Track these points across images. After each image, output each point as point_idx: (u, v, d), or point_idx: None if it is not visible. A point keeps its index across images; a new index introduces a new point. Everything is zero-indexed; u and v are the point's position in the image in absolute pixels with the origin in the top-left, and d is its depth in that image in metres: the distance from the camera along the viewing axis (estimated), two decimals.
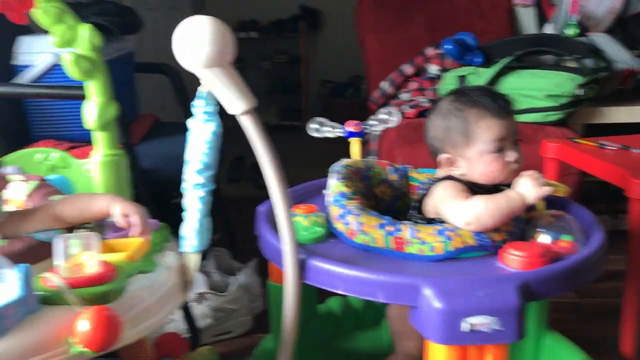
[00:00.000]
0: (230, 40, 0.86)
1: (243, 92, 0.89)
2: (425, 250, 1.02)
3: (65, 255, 0.87)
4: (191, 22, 0.84)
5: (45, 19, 1.17)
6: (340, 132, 1.40)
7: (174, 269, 1.03)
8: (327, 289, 0.99)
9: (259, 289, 1.80)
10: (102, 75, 1.22)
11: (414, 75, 2.35)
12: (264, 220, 1.19)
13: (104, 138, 1.24)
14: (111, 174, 1.25)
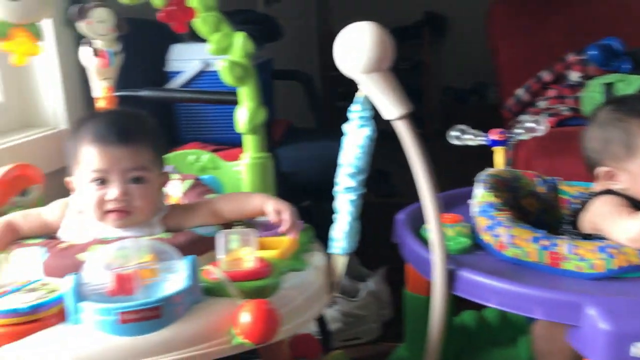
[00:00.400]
0: (389, 46, 0.87)
1: (399, 97, 0.89)
2: (583, 268, 0.96)
3: (225, 250, 0.91)
4: (353, 29, 0.86)
5: (204, 27, 1.23)
6: (483, 140, 1.36)
7: (322, 269, 1.05)
8: (477, 302, 0.96)
9: (388, 297, 1.79)
10: (253, 81, 1.27)
11: (552, 83, 2.24)
12: (406, 228, 1.18)
13: (253, 141, 1.29)
14: (258, 176, 1.29)
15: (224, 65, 1.24)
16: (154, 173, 1.04)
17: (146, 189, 1.01)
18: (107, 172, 0.99)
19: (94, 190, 1.00)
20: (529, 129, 1.35)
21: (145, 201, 1.01)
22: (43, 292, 0.84)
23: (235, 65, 1.25)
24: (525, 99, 2.27)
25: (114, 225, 1.02)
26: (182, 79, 1.73)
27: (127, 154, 1.00)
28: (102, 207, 1.00)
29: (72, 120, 1.60)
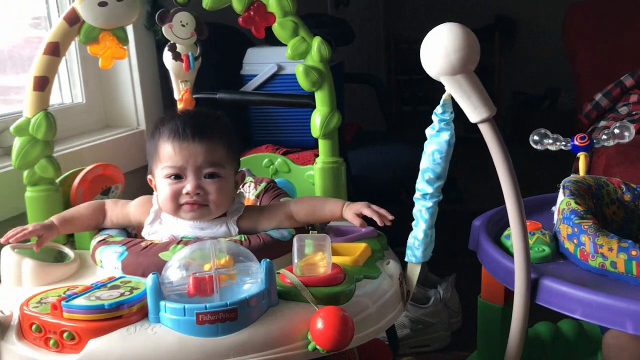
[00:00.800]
0: (475, 48, 0.85)
1: (485, 99, 0.87)
2: None
3: (300, 254, 0.91)
4: (440, 30, 0.85)
5: (282, 32, 1.25)
6: (564, 145, 1.31)
7: (395, 277, 1.03)
8: (561, 312, 0.92)
9: (458, 305, 1.75)
10: (329, 86, 1.27)
11: (635, 88, 2.14)
12: (484, 235, 1.15)
13: (327, 146, 1.29)
14: (331, 180, 1.29)
15: (300, 70, 1.25)
16: (228, 170, 1.06)
17: (220, 184, 1.03)
18: (183, 167, 1.02)
19: (170, 185, 1.02)
20: (614, 134, 1.29)
21: (219, 196, 1.03)
22: (125, 289, 0.86)
23: (311, 69, 1.25)
24: (605, 105, 2.18)
25: (187, 217, 1.04)
26: (256, 82, 1.76)
27: (202, 150, 1.02)
28: (176, 200, 1.02)
29: (150, 120, 1.66)
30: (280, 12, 1.24)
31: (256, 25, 1.26)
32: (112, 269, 0.97)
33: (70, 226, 1.09)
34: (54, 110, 1.42)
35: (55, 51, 1.14)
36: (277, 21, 1.25)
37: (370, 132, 2.18)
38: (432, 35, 0.84)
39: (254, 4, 1.24)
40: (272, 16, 1.25)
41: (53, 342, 0.82)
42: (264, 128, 1.80)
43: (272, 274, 0.86)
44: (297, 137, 1.72)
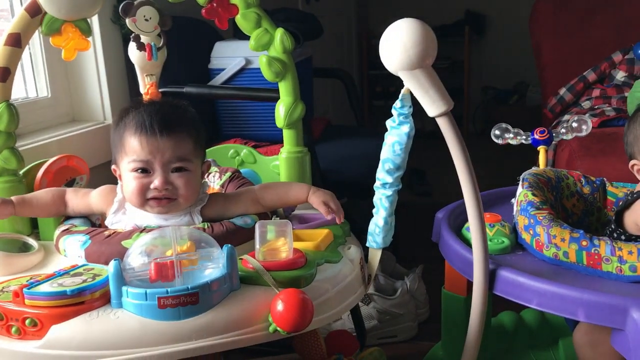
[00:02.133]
0: (433, 43, 0.87)
1: (442, 93, 0.89)
2: (624, 270, 0.94)
3: (262, 240, 0.93)
4: (397, 25, 0.86)
5: (245, 24, 1.25)
6: (525, 139, 1.34)
7: (356, 262, 1.05)
8: (518, 302, 0.95)
9: (425, 296, 1.78)
10: (292, 77, 1.28)
11: (597, 82, 2.19)
12: (446, 227, 1.17)
13: (291, 136, 1.31)
14: (296, 170, 1.31)
15: (264, 60, 1.26)
16: (195, 163, 1.06)
17: (188, 178, 1.04)
18: (150, 162, 1.02)
19: (137, 178, 1.02)
20: (573, 128, 1.32)
21: (187, 190, 1.03)
22: (88, 276, 0.87)
23: (274, 60, 1.26)
24: (568, 99, 2.22)
25: (154, 212, 1.04)
26: (224, 76, 1.76)
27: (169, 144, 1.02)
28: (143, 194, 1.03)
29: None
30: (243, 3, 1.24)
31: (219, 17, 1.26)
32: (75, 257, 0.98)
33: (29, 209, 1.09)
34: (19, 104, 1.40)
35: (16, 42, 1.13)
36: (240, 13, 1.25)
37: (340, 127, 2.20)
38: (390, 31, 0.86)
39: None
40: (235, 8, 1.25)
41: (15, 329, 0.83)
42: (232, 122, 1.80)
43: (234, 258, 0.88)
44: (266, 130, 1.72)
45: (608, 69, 2.18)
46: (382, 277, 1.79)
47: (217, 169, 1.31)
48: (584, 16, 2.44)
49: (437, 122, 0.90)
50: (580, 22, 2.43)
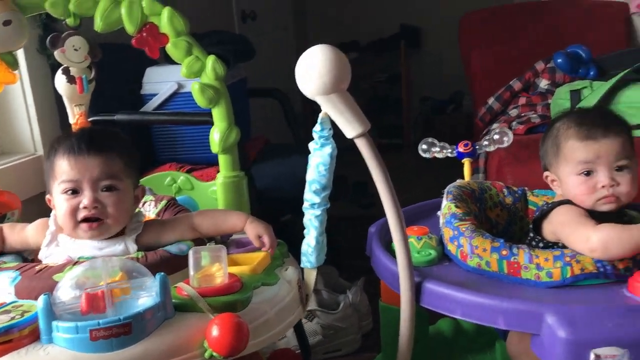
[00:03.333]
0: (346, 69, 0.90)
1: (357, 116, 0.92)
2: (542, 276, 0.99)
3: (197, 267, 0.94)
4: (311, 53, 0.89)
5: (175, 52, 1.27)
6: (450, 152, 1.39)
7: (294, 283, 1.08)
8: (443, 313, 0.99)
9: (368, 308, 1.81)
10: (225, 102, 1.31)
11: (523, 91, 2.29)
12: (376, 241, 1.20)
13: (227, 161, 1.33)
14: (232, 195, 1.33)
15: (196, 87, 1.27)
16: (126, 183, 1.06)
17: (118, 197, 1.04)
18: (79, 181, 1.02)
19: (67, 200, 1.02)
20: (494, 140, 1.38)
21: (117, 209, 1.03)
22: (16, 313, 0.86)
23: (206, 87, 1.28)
24: (497, 108, 2.31)
25: (87, 237, 1.03)
26: (156, 101, 1.76)
27: (98, 162, 1.02)
28: (74, 216, 1.02)
29: (48, 146, 1.62)
30: (173, 32, 1.26)
31: (150, 47, 1.27)
32: (5, 294, 0.96)
33: None
34: None
35: None
36: (170, 41, 1.27)
37: (278, 145, 2.21)
38: (304, 58, 0.89)
39: (146, 25, 1.25)
40: (165, 37, 1.27)
41: None
42: (167, 146, 1.80)
43: (167, 287, 0.88)
44: (201, 153, 1.73)
45: (532, 78, 2.28)
46: (325, 292, 1.82)
47: (153, 198, 1.31)
48: (508, 28, 2.54)
49: (356, 143, 0.93)
50: (506, 33, 2.54)
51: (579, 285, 0.97)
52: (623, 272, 0.97)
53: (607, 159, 1.05)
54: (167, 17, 1.25)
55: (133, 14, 1.23)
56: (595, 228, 0.98)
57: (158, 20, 1.25)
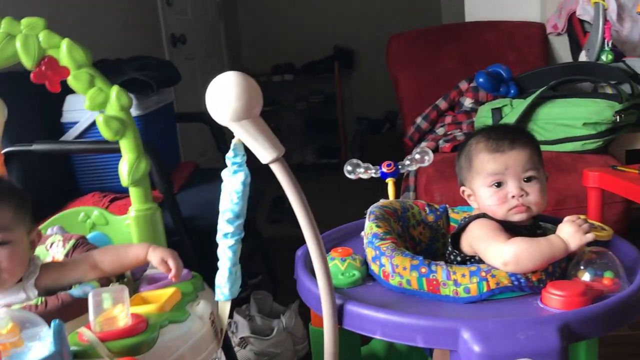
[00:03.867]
0: (256, 94, 0.89)
1: (271, 141, 0.91)
2: (460, 292, 1.00)
3: (98, 310, 0.90)
4: (220, 79, 0.88)
5: (77, 85, 1.23)
6: (374, 173, 1.41)
7: (206, 317, 1.04)
8: (365, 334, 0.99)
9: (303, 331, 1.80)
10: (132, 133, 1.27)
11: (449, 110, 2.36)
12: (301, 265, 1.20)
13: (138, 193, 1.29)
14: (146, 227, 1.29)
15: (100, 120, 1.23)
16: (18, 232, 1.02)
17: (12, 250, 0.99)
18: None
19: None
20: (416, 160, 1.41)
21: (11, 262, 0.99)
22: None
23: (111, 119, 1.24)
24: (425, 127, 2.37)
25: None
26: (77, 130, 1.71)
27: None
28: None
29: None
30: (73, 64, 1.22)
31: (50, 81, 1.23)
32: None
33: None
34: None
35: None
36: (71, 74, 1.23)
37: (208, 170, 2.19)
38: (214, 85, 0.88)
39: (45, 58, 1.21)
40: (65, 70, 1.22)
41: None
42: (89, 176, 1.75)
43: (62, 335, 0.84)
44: None
45: (457, 97, 2.35)
46: (259, 317, 1.79)
47: (61, 237, 1.25)
48: (433, 49, 2.62)
49: (271, 168, 0.92)
50: (430, 55, 2.61)
51: (495, 299, 0.99)
52: (537, 284, 0.99)
53: (515, 170, 1.08)
54: (67, 49, 1.20)
55: (29, 48, 1.18)
56: (507, 243, 1.00)
57: (57, 52, 1.21)
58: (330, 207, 3.35)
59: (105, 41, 2.44)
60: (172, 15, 3.14)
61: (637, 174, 1.65)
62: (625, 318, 0.94)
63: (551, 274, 1.01)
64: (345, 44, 4.79)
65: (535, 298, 0.99)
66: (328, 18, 4.79)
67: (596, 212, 1.74)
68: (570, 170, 1.97)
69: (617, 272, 1.00)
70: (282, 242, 2.76)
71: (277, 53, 4.80)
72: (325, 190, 3.98)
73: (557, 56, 2.71)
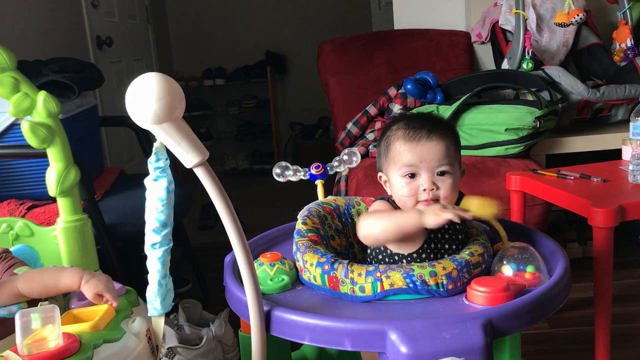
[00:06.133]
0: (178, 96, 0.86)
1: (195, 145, 0.89)
2: (356, 291, 1.02)
3: (26, 331, 0.85)
4: (139, 81, 0.85)
5: (1, 90, 1.17)
6: (303, 175, 1.40)
7: (142, 334, 1.01)
8: (293, 340, 0.97)
9: (233, 339, 1.76)
10: (61, 141, 1.22)
11: (379, 115, 2.38)
12: (229, 272, 1.17)
13: (66, 204, 1.23)
14: (75, 240, 1.24)
15: (26, 127, 1.18)
16: None
17: None
18: None
19: None
20: (344, 161, 1.41)
21: None
22: None
23: (38, 126, 1.19)
24: (355, 132, 2.38)
25: None
26: None
27: None
28: None
29: None
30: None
31: None
32: None
33: None
34: None
35: None
36: None
37: (135, 176, 2.12)
38: (133, 87, 0.84)
39: None
40: None
41: None
42: (4, 182, 1.65)
43: None
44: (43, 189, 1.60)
45: (386, 103, 2.38)
46: (187, 327, 1.75)
47: None
48: (362, 56, 2.64)
49: (195, 172, 0.90)
50: (360, 61, 2.63)
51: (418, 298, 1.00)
52: (435, 288, 0.99)
53: (430, 163, 1.07)
54: None
55: None
56: (365, 215, 1.06)
57: None
58: (265, 213, 3.33)
59: (25, 42, 2.33)
60: (97, 17, 3.04)
61: (555, 177, 1.73)
62: (546, 311, 0.98)
63: (455, 279, 1.00)
64: (277, 49, 4.79)
65: (461, 295, 1.01)
66: (259, 23, 4.77)
67: (519, 214, 1.80)
68: (494, 174, 2.03)
69: (538, 266, 1.04)
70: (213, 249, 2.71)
71: (208, 57, 4.74)
72: (259, 196, 3.95)
73: (481, 64, 2.80)
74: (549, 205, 2.04)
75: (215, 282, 2.05)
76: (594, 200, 1.48)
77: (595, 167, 1.78)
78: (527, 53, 2.31)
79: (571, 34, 2.53)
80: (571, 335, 1.84)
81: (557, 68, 2.25)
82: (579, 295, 2.00)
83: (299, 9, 4.77)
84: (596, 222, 1.44)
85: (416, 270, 0.99)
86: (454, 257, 1.02)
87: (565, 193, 1.59)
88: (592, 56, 2.53)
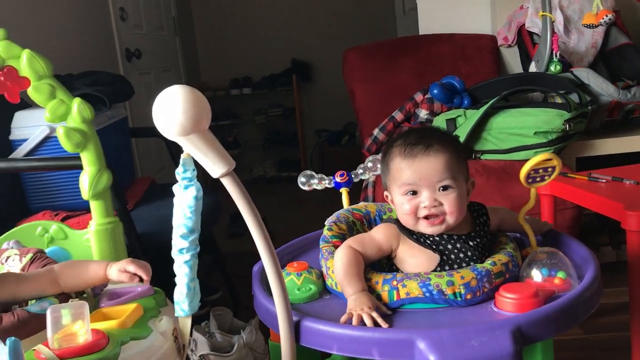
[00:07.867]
0: (204, 107, 0.88)
1: (221, 155, 0.90)
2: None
3: (56, 326, 0.88)
4: (166, 93, 0.86)
5: (38, 96, 1.21)
6: (328, 183, 1.40)
7: (169, 333, 1.03)
8: (322, 351, 0.98)
9: (263, 346, 1.77)
10: (94, 146, 1.25)
11: (405, 121, 2.38)
12: (257, 281, 1.18)
13: (98, 207, 1.27)
14: (107, 242, 1.27)
15: (61, 132, 1.22)
16: None
17: None
18: None
19: None
20: (368, 168, 1.41)
21: None
22: None
23: (73, 131, 1.23)
24: (382, 138, 2.38)
25: None
26: (27, 147, 1.66)
27: None
28: None
29: None
30: (34, 75, 1.20)
31: (9, 91, 1.21)
32: None
33: None
34: None
35: None
36: (32, 85, 1.21)
37: (166, 185, 2.15)
38: (160, 100, 0.86)
39: (4, 68, 1.19)
40: (26, 80, 1.21)
41: None
42: (40, 194, 1.70)
43: (18, 352, 0.81)
44: (77, 200, 1.64)
45: (413, 108, 2.38)
46: (218, 334, 1.76)
47: (18, 252, 1.22)
48: (388, 62, 2.65)
49: (223, 182, 0.91)
50: (385, 67, 2.64)
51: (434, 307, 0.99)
52: (453, 298, 0.98)
53: (430, 180, 1.02)
54: (27, 60, 1.20)
55: None
56: (351, 240, 1.08)
57: (17, 63, 1.19)
58: (293, 220, 3.35)
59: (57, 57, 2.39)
60: (126, 29, 3.10)
61: (586, 181, 1.70)
62: (576, 317, 0.96)
63: (474, 288, 0.98)
64: (303, 57, 4.82)
65: (490, 302, 1.00)
66: (285, 32, 4.81)
67: (549, 218, 1.78)
68: None
69: (567, 271, 1.02)
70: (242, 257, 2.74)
71: (234, 67, 4.79)
72: (287, 203, 3.97)
73: (508, 67, 2.77)
74: (580, 209, 2.01)
75: (245, 290, 2.07)
76: (627, 203, 1.45)
77: (628, 170, 1.75)
78: (554, 55, 2.29)
79: (600, 35, 2.49)
80: (606, 341, 1.81)
81: (586, 70, 2.22)
82: (614, 300, 1.96)
83: (323, 18, 4.79)
84: (630, 225, 1.41)
85: (433, 280, 0.98)
86: (475, 267, 1.01)
87: (597, 196, 1.57)
88: (622, 57, 2.49)
